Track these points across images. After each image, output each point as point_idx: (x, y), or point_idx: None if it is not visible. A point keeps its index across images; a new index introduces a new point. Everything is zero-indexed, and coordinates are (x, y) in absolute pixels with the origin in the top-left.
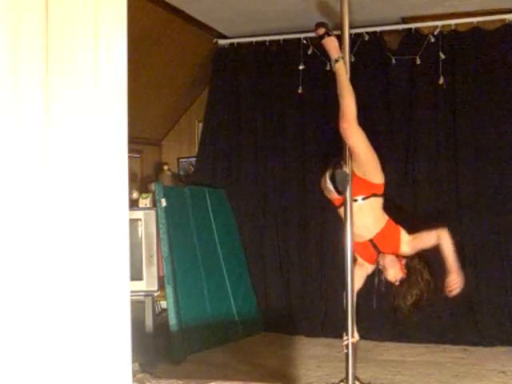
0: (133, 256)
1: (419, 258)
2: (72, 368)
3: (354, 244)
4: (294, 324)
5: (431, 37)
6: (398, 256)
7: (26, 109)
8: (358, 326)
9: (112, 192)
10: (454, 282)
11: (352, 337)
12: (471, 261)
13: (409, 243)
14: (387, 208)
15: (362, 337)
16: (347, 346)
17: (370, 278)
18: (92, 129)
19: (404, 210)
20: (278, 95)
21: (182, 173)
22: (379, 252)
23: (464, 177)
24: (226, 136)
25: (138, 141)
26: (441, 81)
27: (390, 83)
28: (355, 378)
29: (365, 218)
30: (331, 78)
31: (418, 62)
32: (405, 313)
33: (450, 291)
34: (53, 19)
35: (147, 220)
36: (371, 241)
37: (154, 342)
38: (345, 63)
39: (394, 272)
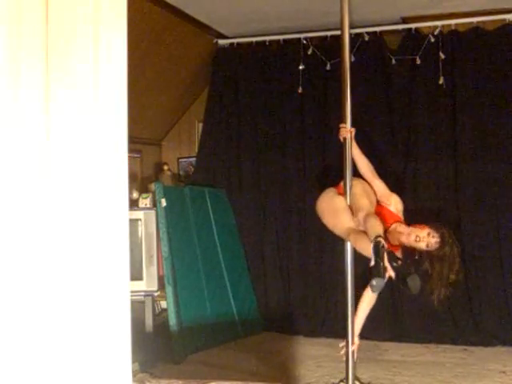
0: (133, 256)
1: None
2: (72, 368)
3: None
4: (293, 324)
5: (431, 37)
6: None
7: (26, 108)
8: None
9: (112, 192)
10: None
11: (352, 343)
12: (471, 261)
13: (392, 200)
14: None
15: (361, 337)
16: (346, 353)
17: None
18: (92, 129)
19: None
20: (278, 95)
21: (181, 173)
22: (385, 231)
23: (464, 176)
24: (225, 136)
25: (138, 141)
26: (441, 81)
27: (390, 83)
28: (355, 378)
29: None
30: (331, 78)
31: (418, 61)
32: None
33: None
34: (53, 19)
35: (147, 220)
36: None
37: (154, 342)
38: (344, 68)
39: (406, 236)
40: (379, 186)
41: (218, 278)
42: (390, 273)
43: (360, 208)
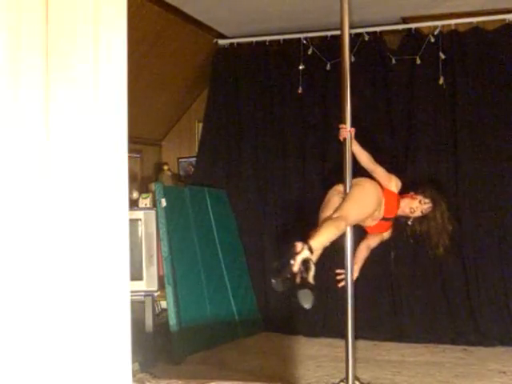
0: (133, 256)
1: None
2: (72, 368)
3: (370, 228)
4: (293, 324)
5: (431, 37)
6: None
7: (26, 109)
8: (357, 326)
9: (112, 192)
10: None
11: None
12: (471, 261)
13: (392, 181)
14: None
15: (361, 337)
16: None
17: None
18: (92, 129)
19: None
20: (278, 95)
21: (182, 173)
22: (391, 219)
23: (464, 176)
24: (225, 136)
25: (138, 141)
26: (441, 81)
27: (390, 83)
28: (355, 377)
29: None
30: (331, 78)
31: (418, 61)
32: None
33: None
34: (53, 19)
35: (147, 220)
36: (384, 218)
37: (154, 342)
38: (344, 68)
39: (402, 210)
40: (380, 172)
41: (218, 278)
42: (296, 278)
43: (338, 208)
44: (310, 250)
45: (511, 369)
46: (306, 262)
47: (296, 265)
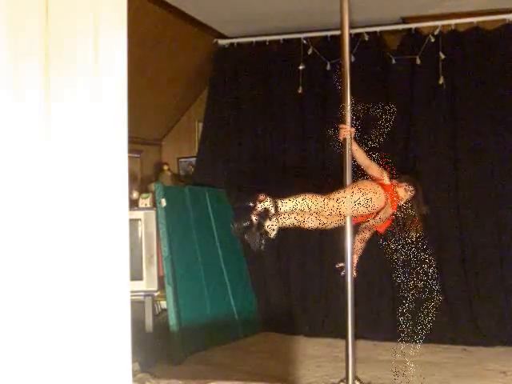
0: (133, 256)
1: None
2: (72, 368)
3: (380, 227)
4: (294, 324)
5: (431, 37)
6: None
7: (25, 109)
8: (357, 326)
9: (112, 192)
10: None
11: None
12: (471, 261)
13: (384, 175)
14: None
15: (361, 337)
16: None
17: None
18: (92, 129)
19: None
20: (278, 95)
21: (182, 173)
22: (395, 212)
23: (464, 176)
24: (226, 136)
25: (138, 141)
26: (441, 81)
27: (390, 83)
28: (355, 377)
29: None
30: (331, 78)
31: (418, 62)
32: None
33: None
34: (53, 19)
35: (147, 220)
36: (392, 213)
37: (154, 342)
38: (344, 68)
39: (403, 194)
40: (374, 167)
41: (218, 278)
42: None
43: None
44: (276, 207)
45: (511, 369)
46: (266, 213)
47: (255, 212)
